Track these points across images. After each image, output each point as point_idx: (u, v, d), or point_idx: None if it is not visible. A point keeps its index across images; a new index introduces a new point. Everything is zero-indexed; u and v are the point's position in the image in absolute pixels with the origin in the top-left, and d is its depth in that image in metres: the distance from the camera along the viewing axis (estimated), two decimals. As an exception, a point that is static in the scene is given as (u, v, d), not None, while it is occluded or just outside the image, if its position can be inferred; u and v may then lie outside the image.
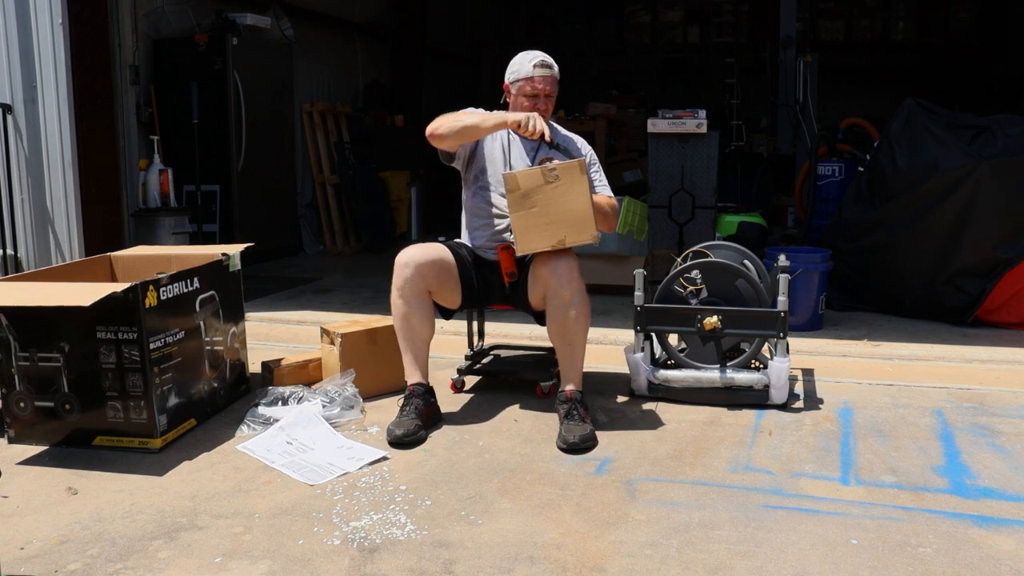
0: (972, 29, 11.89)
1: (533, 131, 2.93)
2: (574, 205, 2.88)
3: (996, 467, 2.68)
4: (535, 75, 3.09)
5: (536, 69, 3.10)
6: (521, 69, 3.12)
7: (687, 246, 4.00)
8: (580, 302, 2.95)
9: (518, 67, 3.13)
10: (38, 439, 2.87)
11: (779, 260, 3.46)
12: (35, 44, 4.88)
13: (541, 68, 3.10)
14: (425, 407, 3.01)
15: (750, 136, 10.05)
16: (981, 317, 4.45)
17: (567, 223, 2.89)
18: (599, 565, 2.09)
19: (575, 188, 2.88)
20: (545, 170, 2.89)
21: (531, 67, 3.10)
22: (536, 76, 3.09)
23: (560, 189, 2.87)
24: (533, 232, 2.90)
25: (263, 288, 5.67)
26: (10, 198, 4.98)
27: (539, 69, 3.10)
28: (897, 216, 4.62)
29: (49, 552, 2.18)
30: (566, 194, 2.87)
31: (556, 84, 3.14)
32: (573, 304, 2.94)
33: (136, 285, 2.73)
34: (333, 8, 8.25)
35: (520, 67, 3.13)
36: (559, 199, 2.88)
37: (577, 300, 2.94)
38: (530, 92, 3.09)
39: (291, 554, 2.16)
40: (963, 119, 4.69)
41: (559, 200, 2.88)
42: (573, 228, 2.89)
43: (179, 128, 6.06)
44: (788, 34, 9.14)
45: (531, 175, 2.90)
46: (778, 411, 3.19)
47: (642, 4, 12.97)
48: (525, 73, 3.11)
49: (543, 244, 2.92)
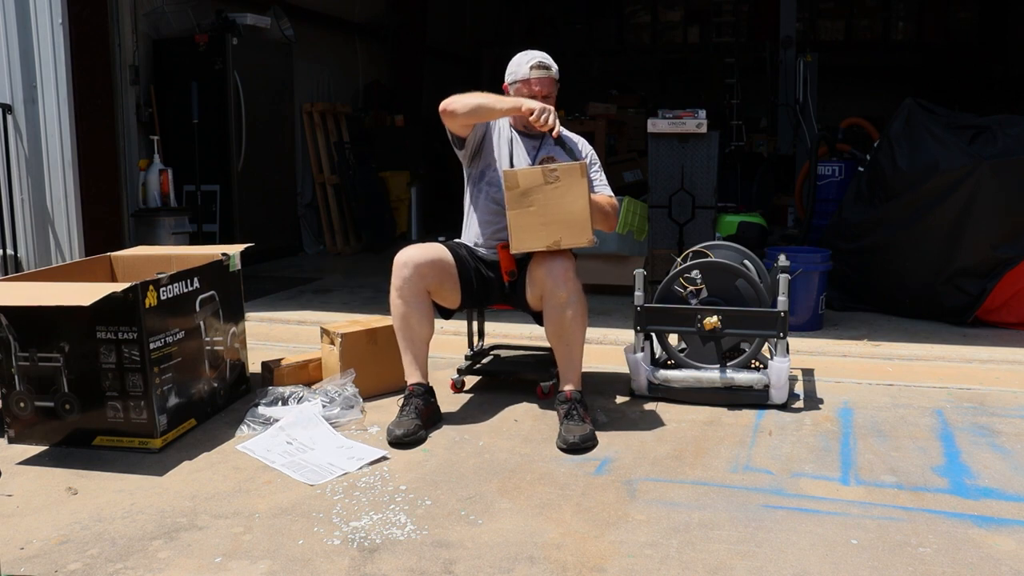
0: (972, 29, 11.89)
1: (544, 124, 2.92)
2: (572, 207, 2.88)
3: (996, 467, 2.67)
4: (532, 77, 3.08)
5: (533, 71, 3.08)
6: (519, 71, 3.11)
7: (687, 246, 4.00)
8: (577, 302, 2.95)
9: (516, 68, 3.12)
10: (38, 439, 2.87)
11: (779, 260, 3.46)
12: (35, 44, 4.88)
13: (538, 70, 3.09)
14: (425, 407, 3.01)
15: (750, 136, 10.05)
16: (981, 317, 4.45)
17: (564, 225, 2.89)
18: (599, 565, 2.09)
19: (574, 190, 2.87)
20: (546, 170, 2.89)
21: (528, 69, 3.08)
22: (533, 78, 3.08)
23: (559, 190, 2.87)
24: (528, 231, 2.91)
25: (263, 288, 5.67)
26: (10, 198, 4.98)
27: (536, 71, 3.08)
28: (897, 216, 4.62)
29: (49, 552, 2.18)
30: (565, 196, 2.87)
31: (555, 85, 3.13)
32: (569, 304, 2.94)
33: (136, 285, 2.73)
34: (333, 8, 8.25)
35: (518, 68, 3.11)
36: (557, 200, 2.88)
37: (574, 300, 2.94)
38: (527, 94, 3.08)
39: (291, 554, 2.16)
40: (963, 119, 4.69)
41: (557, 201, 2.88)
42: (570, 230, 2.89)
43: (179, 128, 6.06)
44: (788, 34, 9.14)
45: (531, 174, 2.90)
46: (778, 411, 3.19)
47: (642, 4, 12.97)
48: (522, 75, 3.10)
49: (538, 244, 2.92)
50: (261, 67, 6.67)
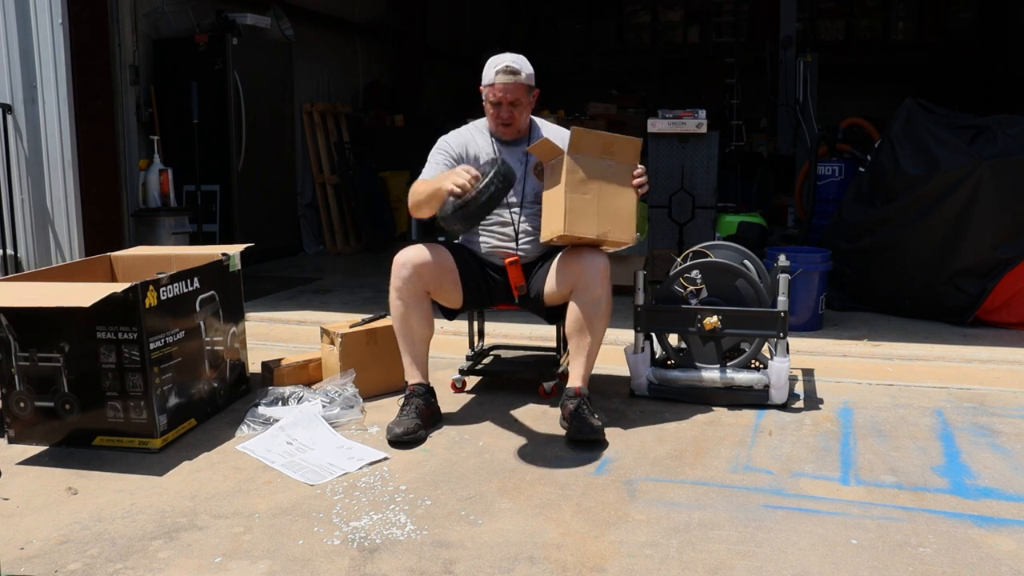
0: (972, 29, 11.90)
1: (463, 189, 2.74)
2: (622, 203, 2.93)
3: (996, 467, 2.68)
4: (496, 82, 3.05)
5: (499, 76, 3.04)
6: (486, 75, 3.08)
7: (687, 246, 4.00)
8: (607, 302, 2.96)
9: (485, 72, 3.09)
10: (38, 439, 2.87)
11: (779, 260, 3.45)
12: (35, 44, 4.88)
13: (504, 75, 3.04)
14: (426, 407, 3.01)
15: (750, 136, 10.04)
16: (981, 317, 4.45)
17: (615, 218, 2.93)
18: (599, 565, 2.09)
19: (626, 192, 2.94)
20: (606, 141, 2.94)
21: (494, 73, 3.05)
22: (497, 83, 3.04)
23: (613, 187, 2.92)
24: (583, 217, 2.89)
25: (263, 288, 5.67)
26: (10, 198, 4.98)
27: (501, 76, 3.04)
28: (898, 216, 4.62)
29: (49, 552, 2.18)
30: (619, 193, 2.93)
31: (524, 90, 3.07)
32: (601, 301, 2.94)
33: (136, 285, 2.73)
34: (333, 8, 8.25)
35: (486, 72, 3.08)
36: (612, 194, 2.92)
37: (604, 300, 2.94)
38: (492, 100, 3.06)
39: (291, 554, 2.16)
40: (963, 119, 4.69)
41: (612, 194, 2.92)
42: (619, 225, 2.94)
43: (179, 128, 6.06)
44: (788, 34, 9.13)
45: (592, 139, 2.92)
46: (778, 411, 3.20)
47: (642, 4, 12.98)
48: (488, 80, 3.07)
49: (590, 231, 2.90)
50: (261, 67, 6.67)
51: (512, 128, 3.12)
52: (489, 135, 3.21)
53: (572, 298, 2.97)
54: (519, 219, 3.14)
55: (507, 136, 3.13)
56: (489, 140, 3.19)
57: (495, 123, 3.13)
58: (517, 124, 3.12)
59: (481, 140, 3.20)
